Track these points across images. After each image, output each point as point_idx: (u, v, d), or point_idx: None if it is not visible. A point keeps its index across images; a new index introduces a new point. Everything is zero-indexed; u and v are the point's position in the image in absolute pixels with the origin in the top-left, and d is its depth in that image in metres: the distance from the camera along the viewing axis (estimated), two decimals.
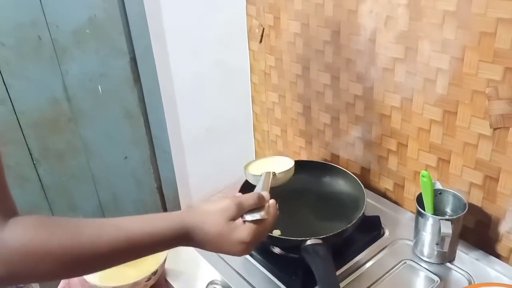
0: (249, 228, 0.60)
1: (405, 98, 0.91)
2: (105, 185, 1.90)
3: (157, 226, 0.57)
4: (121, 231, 0.55)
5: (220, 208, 0.60)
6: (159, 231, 0.57)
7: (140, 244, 0.55)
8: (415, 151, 0.93)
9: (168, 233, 0.57)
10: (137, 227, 0.56)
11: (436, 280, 0.78)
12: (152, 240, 0.56)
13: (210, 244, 0.60)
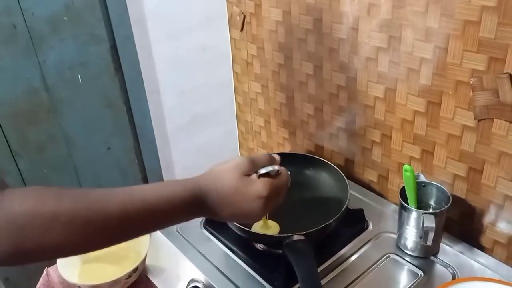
0: (265, 182, 0.58)
1: (388, 89, 0.89)
2: (88, 177, 1.87)
3: (171, 189, 0.54)
4: (133, 194, 0.52)
5: (232, 165, 0.58)
6: (173, 194, 0.54)
7: (154, 208, 0.52)
8: (399, 142, 0.91)
9: (182, 196, 0.54)
10: (149, 190, 0.53)
11: (420, 274, 0.77)
12: (166, 204, 0.53)
13: (226, 205, 0.57)
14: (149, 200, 0.52)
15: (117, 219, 0.50)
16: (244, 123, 1.32)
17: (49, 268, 1.05)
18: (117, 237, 0.52)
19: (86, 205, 0.49)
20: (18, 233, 0.46)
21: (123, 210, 0.50)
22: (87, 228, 0.48)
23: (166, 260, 0.90)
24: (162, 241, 0.90)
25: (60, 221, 0.47)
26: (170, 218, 0.55)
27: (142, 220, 0.52)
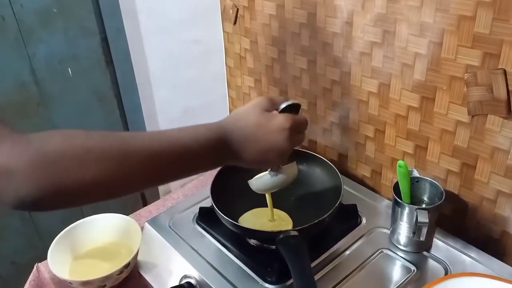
0: (286, 115, 0.60)
1: (382, 84, 0.88)
2: None
3: (196, 129, 0.56)
4: (160, 133, 0.53)
5: (252, 104, 0.60)
6: (199, 133, 0.55)
7: (181, 145, 0.53)
8: (392, 137, 0.91)
9: (208, 135, 0.56)
10: (176, 131, 0.55)
11: (413, 269, 0.77)
12: (192, 142, 0.54)
13: (251, 142, 0.58)
14: (176, 138, 0.53)
15: (147, 154, 0.50)
16: None
17: (39, 264, 1.04)
18: (149, 175, 0.52)
19: (116, 140, 0.50)
20: (52, 168, 0.45)
21: (151, 145, 0.51)
22: (119, 161, 0.48)
23: (158, 256, 0.89)
24: (154, 236, 0.89)
25: (92, 154, 0.47)
26: (196, 159, 0.55)
27: (169, 157, 0.52)
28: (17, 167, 0.43)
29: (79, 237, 1.02)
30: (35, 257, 1.88)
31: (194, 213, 0.92)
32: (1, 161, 0.44)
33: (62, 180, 0.45)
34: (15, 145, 0.45)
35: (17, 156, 0.44)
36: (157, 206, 1.18)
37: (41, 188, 0.44)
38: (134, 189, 0.53)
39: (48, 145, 0.46)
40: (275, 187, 0.76)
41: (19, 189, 0.44)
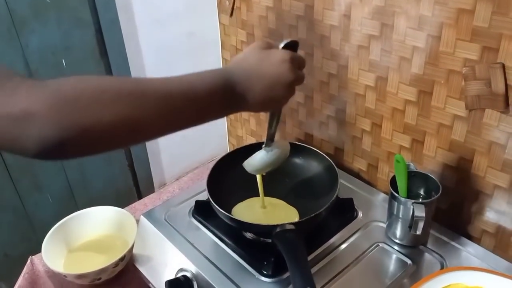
0: (285, 51, 0.62)
1: (380, 77, 0.88)
2: (72, 164, 1.84)
3: (203, 73, 0.57)
4: (169, 77, 0.54)
5: (250, 47, 0.63)
6: (205, 75, 0.57)
7: (191, 85, 0.54)
8: (389, 131, 0.91)
9: (214, 76, 0.57)
10: (184, 75, 0.55)
11: (409, 263, 0.78)
12: (200, 83, 0.55)
13: (255, 78, 0.58)
14: (185, 82, 0.54)
15: (161, 95, 0.51)
16: None
17: (33, 257, 1.04)
18: (164, 118, 0.52)
19: (129, 81, 0.51)
20: (72, 107, 0.44)
21: (163, 87, 0.52)
22: (135, 101, 0.49)
23: (153, 249, 0.89)
24: (150, 229, 0.88)
25: (107, 94, 0.47)
26: (205, 102, 0.56)
27: (181, 99, 0.53)
28: (37, 110, 0.43)
29: (73, 230, 1.01)
30: (28, 250, 1.87)
31: (190, 206, 0.91)
32: (20, 106, 0.43)
33: (82, 120, 0.45)
34: (32, 89, 0.44)
35: (35, 99, 0.44)
36: (153, 199, 1.18)
37: (63, 128, 0.44)
38: (151, 133, 0.54)
39: (64, 87, 0.46)
40: (270, 164, 0.77)
41: (42, 131, 0.43)
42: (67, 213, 1.99)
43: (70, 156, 0.47)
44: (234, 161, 0.92)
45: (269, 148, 0.76)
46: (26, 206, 1.78)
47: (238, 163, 0.92)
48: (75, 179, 1.87)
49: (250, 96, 0.58)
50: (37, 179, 1.74)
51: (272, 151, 0.76)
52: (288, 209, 0.88)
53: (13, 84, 0.45)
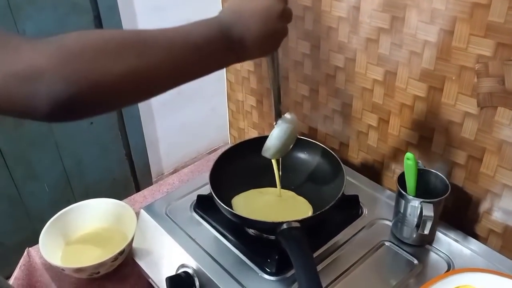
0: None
1: (389, 72, 0.86)
2: (69, 152, 1.82)
3: (198, 23, 0.56)
4: (166, 28, 0.52)
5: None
6: (199, 22, 0.56)
7: (188, 32, 0.54)
8: (396, 127, 0.89)
9: (208, 25, 0.56)
10: (180, 26, 0.54)
11: (415, 262, 0.76)
12: (197, 27, 0.55)
13: (246, 15, 0.57)
14: (181, 29, 0.53)
15: (163, 44, 0.50)
16: (235, 102, 1.28)
17: (30, 249, 1.01)
18: (169, 68, 0.51)
19: (131, 32, 0.50)
20: (78, 61, 0.43)
21: (164, 35, 0.51)
22: (139, 50, 0.48)
23: (153, 244, 0.87)
24: (150, 223, 0.86)
25: (111, 45, 0.46)
26: (206, 48, 0.54)
27: (183, 48, 0.52)
28: (44, 66, 0.42)
29: (71, 222, 0.99)
30: (24, 239, 1.85)
31: (191, 201, 0.89)
32: (26, 63, 0.42)
33: (90, 73, 0.44)
34: (35, 47, 0.43)
35: (41, 56, 0.42)
36: (152, 191, 1.15)
37: (72, 82, 0.43)
38: (159, 85, 0.52)
39: (67, 41, 0.45)
40: (288, 139, 0.77)
41: (51, 88, 0.42)
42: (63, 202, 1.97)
43: (81, 114, 0.46)
44: (236, 155, 0.91)
45: (281, 123, 0.76)
46: (22, 194, 1.76)
47: (241, 157, 0.90)
48: (72, 168, 1.85)
49: (247, 35, 0.57)
50: (33, 167, 1.71)
51: (286, 125, 0.76)
52: (301, 202, 0.86)
53: (15, 42, 0.43)
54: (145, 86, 0.50)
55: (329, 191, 0.85)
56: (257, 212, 0.86)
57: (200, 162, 1.26)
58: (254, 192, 0.89)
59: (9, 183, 1.71)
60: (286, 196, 0.88)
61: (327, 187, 0.86)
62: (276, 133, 0.76)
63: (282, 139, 0.76)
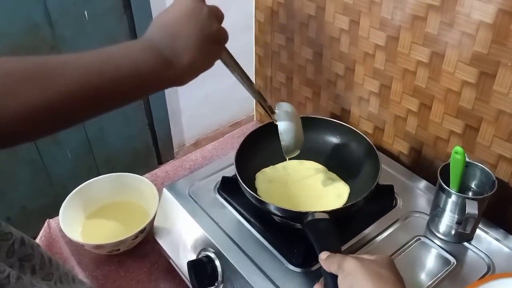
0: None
1: (435, 54, 0.78)
2: (92, 120, 1.79)
3: (127, 47, 0.52)
4: (88, 52, 0.48)
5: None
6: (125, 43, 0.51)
7: (110, 53, 0.49)
8: (439, 114, 0.82)
9: (134, 43, 0.52)
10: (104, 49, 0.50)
11: (453, 261, 0.71)
12: (121, 49, 0.50)
13: (170, 20, 0.53)
14: (106, 50, 0.49)
15: (75, 73, 0.46)
16: (262, 78, 1.22)
17: (50, 220, 1.00)
18: (82, 100, 0.46)
19: (38, 60, 0.45)
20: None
21: (79, 63, 0.47)
22: (43, 82, 0.43)
23: (175, 224, 0.84)
24: (172, 203, 0.83)
25: (12, 77, 0.42)
26: (143, 68, 0.50)
27: (111, 73, 0.48)
28: None
29: (92, 196, 0.97)
30: (45, 204, 1.87)
31: (215, 182, 0.85)
32: None
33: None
34: None
35: None
36: (174, 167, 1.12)
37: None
38: (70, 120, 0.48)
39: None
40: (297, 127, 0.75)
41: None
42: (85, 169, 1.97)
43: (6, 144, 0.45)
44: (263, 137, 0.86)
45: (280, 115, 0.74)
46: (45, 160, 1.76)
47: (268, 137, 0.85)
48: (94, 136, 1.84)
49: (180, 43, 0.52)
50: (56, 133, 1.70)
51: (286, 115, 0.74)
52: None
53: None
54: (50, 123, 0.46)
55: (362, 179, 0.80)
56: (283, 194, 0.81)
57: (224, 139, 1.22)
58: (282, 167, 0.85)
59: (33, 149, 1.71)
60: (317, 171, 0.83)
61: (360, 176, 0.81)
62: (283, 127, 0.74)
63: (293, 132, 0.74)
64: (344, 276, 0.53)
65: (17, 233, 0.60)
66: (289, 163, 0.85)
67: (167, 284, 0.88)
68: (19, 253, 0.59)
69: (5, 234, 0.58)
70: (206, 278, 0.73)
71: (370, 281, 0.50)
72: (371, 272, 0.51)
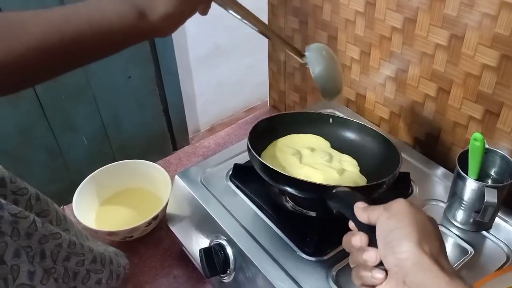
0: None
1: (454, 36, 0.75)
2: (107, 106, 1.80)
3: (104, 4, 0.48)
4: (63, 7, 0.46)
5: None
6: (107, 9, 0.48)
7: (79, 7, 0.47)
8: (458, 99, 0.79)
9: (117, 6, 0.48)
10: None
11: (470, 251, 0.69)
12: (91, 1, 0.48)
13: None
14: (76, 4, 0.47)
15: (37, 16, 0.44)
16: (276, 62, 1.19)
17: (65, 207, 1.01)
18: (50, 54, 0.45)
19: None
20: None
21: (45, 10, 0.45)
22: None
23: (188, 212, 0.83)
24: (185, 191, 0.83)
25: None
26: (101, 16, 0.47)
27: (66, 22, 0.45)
28: None
29: (106, 183, 0.97)
30: (61, 189, 1.88)
31: (227, 169, 0.84)
32: None
33: None
34: None
35: None
36: (187, 154, 1.12)
37: None
38: (37, 75, 0.47)
39: None
40: (333, 70, 0.66)
41: None
42: (100, 155, 1.98)
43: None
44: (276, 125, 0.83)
45: (310, 58, 0.64)
46: (61, 146, 1.77)
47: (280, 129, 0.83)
48: (109, 122, 1.83)
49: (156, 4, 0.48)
50: (72, 119, 1.71)
51: (317, 57, 0.64)
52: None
53: None
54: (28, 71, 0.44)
55: (383, 167, 0.76)
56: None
57: (237, 125, 1.20)
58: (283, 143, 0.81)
59: (48, 134, 1.72)
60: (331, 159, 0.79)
61: (379, 164, 0.78)
62: (316, 71, 0.64)
63: (327, 70, 0.65)
64: (389, 217, 0.46)
65: (32, 188, 0.61)
66: (303, 150, 0.81)
67: (180, 271, 0.88)
68: (36, 208, 0.61)
69: (21, 189, 0.59)
70: (218, 266, 0.73)
71: (415, 232, 0.43)
72: (419, 222, 0.45)
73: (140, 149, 1.98)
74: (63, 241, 0.62)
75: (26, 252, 0.57)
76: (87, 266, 0.67)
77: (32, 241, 0.58)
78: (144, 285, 0.86)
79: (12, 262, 0.55)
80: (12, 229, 0.55)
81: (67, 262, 0.64)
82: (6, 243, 0.54)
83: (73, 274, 0.65)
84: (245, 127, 1.20)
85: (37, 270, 0.58)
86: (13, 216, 0.54)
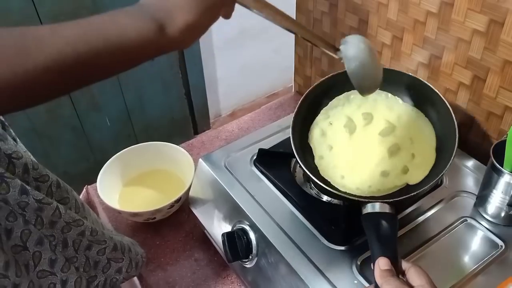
0: None
1: (493, 21, 0.72)
2: (131, 88, 1.80)
3: (117, 18, 0.46)
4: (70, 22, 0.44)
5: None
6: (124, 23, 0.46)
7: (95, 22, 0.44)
8: (494, 88, 0.76)
9: (122, 9, 0.47)
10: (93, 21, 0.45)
11: (501, 245, 0.67)
12: (106, 16, 0.45)
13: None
14: (91, 19, 0.44)
15: (51, 33, 0.42)
16: (303, 47, 1.17)
17: (89, 187, 1.02)
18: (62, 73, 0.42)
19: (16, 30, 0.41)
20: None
21: (60, 25, 0.43)
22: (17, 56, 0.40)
23: (211, 195, 0.83)
24: (208, 174, 0.82)
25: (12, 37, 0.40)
26: (118, 32, 0.44)
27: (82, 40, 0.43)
28: None
29: (129, 164, 0.97)
30: (86, 169, 1.91)
31: (252, 154, 0.83)
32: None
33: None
34: None
35: None
36: (210, 138, 1.11)
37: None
38: (49, 94, 0.44)
39: None
40: (370, 66, 0.58)
41: None
42: (124, 136, 2.00)
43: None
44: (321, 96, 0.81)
45: (346, 52, 0.57)
46: (85, 126, 1.79)
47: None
48: (133, 104, 1.85)
49: (172, 7, 0.46)
50: (96, 100, 1.72)
51: (353, 51, 0.57)
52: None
53: None
54: (41, 90, 0.42)
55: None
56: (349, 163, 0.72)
57: (261, 110, 1.19)
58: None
59: (73, 114, 1.74)
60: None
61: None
62: (351, 67, 0.57)
63: (364, 65, 0.57)
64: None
65: (53, 175, 0.61)
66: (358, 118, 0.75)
67: (201, 254, 0.88)
68: (57, 196, 0.61)
69: (42, 176, 0.59)
70: (240, 251, 0.72)
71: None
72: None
73: (162, 132, 2.00)
74: (85, 228, 0.62)
75: (49, 240, 0.58)
76: (108, 254, 0.67)
77: (55, 230, 0.58)
78: (166, 266, 0.86)
79: (34, 248, 0.56)
80: (36, 218, 0.55)
81: (88, 251, 0.64)
82: (30, 231, 0.55)
83: (94, 263, 0.65)
84: (269, 113, 1.18)
85: (58, 258, 0.59)
86: (38, 202, 0.55)
